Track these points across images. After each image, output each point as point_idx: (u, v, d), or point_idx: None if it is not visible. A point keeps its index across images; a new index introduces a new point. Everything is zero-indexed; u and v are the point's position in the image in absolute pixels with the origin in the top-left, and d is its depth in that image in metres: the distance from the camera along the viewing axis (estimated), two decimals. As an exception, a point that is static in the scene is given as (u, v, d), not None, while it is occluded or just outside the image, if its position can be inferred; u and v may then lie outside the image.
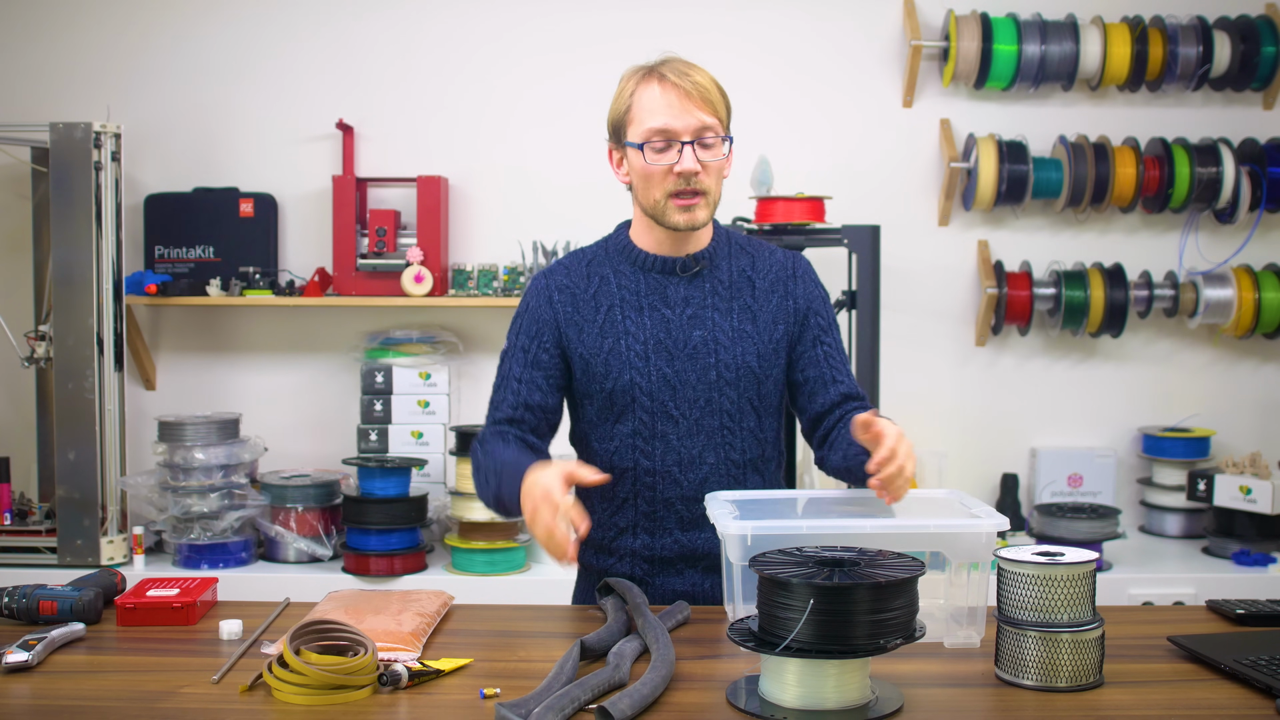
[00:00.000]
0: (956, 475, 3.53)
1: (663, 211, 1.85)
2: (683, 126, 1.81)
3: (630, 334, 1.89)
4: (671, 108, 1.81)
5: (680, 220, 1.85)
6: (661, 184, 1.83)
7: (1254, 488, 3.16)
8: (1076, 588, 1.47)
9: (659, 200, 1.85)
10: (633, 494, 1.91)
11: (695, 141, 1.81)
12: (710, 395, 1.89)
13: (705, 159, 1.82)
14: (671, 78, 1.82)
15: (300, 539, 3.20)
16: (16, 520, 3.17)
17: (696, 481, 1.89)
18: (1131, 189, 3.38)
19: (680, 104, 1.81)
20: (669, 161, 1.82)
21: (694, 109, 1.81)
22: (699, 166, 1.81)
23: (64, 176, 3.07)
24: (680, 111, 1.81)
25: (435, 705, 1.44)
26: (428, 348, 3.42)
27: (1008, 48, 3.36)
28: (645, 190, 1.86)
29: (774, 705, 1.39)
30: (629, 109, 1.85)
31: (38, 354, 3.18)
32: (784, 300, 1.93)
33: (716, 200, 1.89)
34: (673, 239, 1.91)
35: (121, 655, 1.65)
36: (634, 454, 1.90)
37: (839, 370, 1.94)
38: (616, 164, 1.92)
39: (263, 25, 3.52)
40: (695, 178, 1.82)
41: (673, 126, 1.81)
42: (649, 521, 1.92)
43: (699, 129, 1.81)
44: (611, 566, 1.96)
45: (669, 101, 1.81)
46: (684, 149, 1.81)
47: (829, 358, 1.94)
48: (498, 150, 3.52)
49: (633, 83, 1.85)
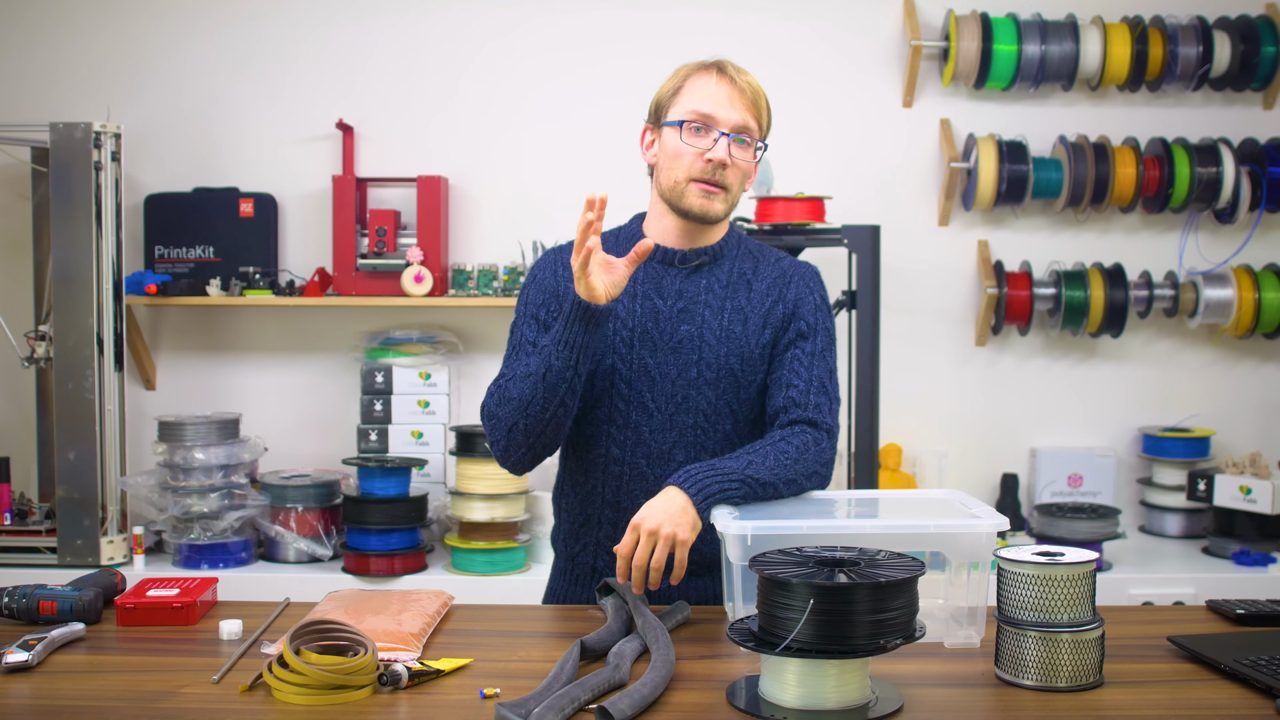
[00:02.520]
0: (956, 475, 3.53)
1: (682, 194, 1.86)
2: (725, 118, 1.83)
3: (619, 319, 1.88)
4: (720, 97, 1.84)
5: (697, 205, 1.85)
6: (688, 166, 1.84)
7: (1254, 488, 3.16)
8: (1076, 588, 1.47)
9: (680, 182, 1.85)
10: (601, 482, 1.91)
11: (733, 135, 1.83)
12: (688, 392, 1.88)
13: (737, 155, 1.84)
14: (729, 72, 1.86)
15: (300, 539, 3.20)
16: (16, 520, 3.17)
17: (663, 477, 1.85)
18: (1131, 189, 3.38)
19: (730, 96, 1.84)
20: (702, 146, 1.83)
21: (741, 106, 1.84)
22: (730, 159, 1.83)
23: (64, 176, 3.07)
24: (727, 103, 1.83)
25: (435, 705, 1.43)
26: (428, 348, 3.42)
27: (1008, 48, 3.36)
28: (670, 170, 1.86)
29: (774, 705, 1.39)
30: (678, 90, 1.87)
31: (38, 354, 3.18)
32: (776, 305, 1.92)
33: (734, 202, 1.89)
34: (682, 231, 1.90)
35: (121, 655, 1.64)
36: (605, 441, 1.89)
37: (798, 375, 1.86)
38: (647, 145, 1.93)
39: (263, 25, 3.52)
40: (722, 170, 1.83)
41: (716, 114, 1.83)
42: (614, 512, 1.91)
43: (739, 125, 1.84)
44: (578, 554, 1.96)
45: (720, 92, 1.84)
46: (720, 139, 1.83)
47: (794, 361, 1.88)
48: (498, 150, 3.52)
49: (689, 69, 1.88)
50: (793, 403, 1.85)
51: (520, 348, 1.90)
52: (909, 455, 3.52)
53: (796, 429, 1.83)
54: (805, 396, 1.85)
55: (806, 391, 1.86)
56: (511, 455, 1.85)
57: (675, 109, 1.86)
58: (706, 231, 1.92)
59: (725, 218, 1.90)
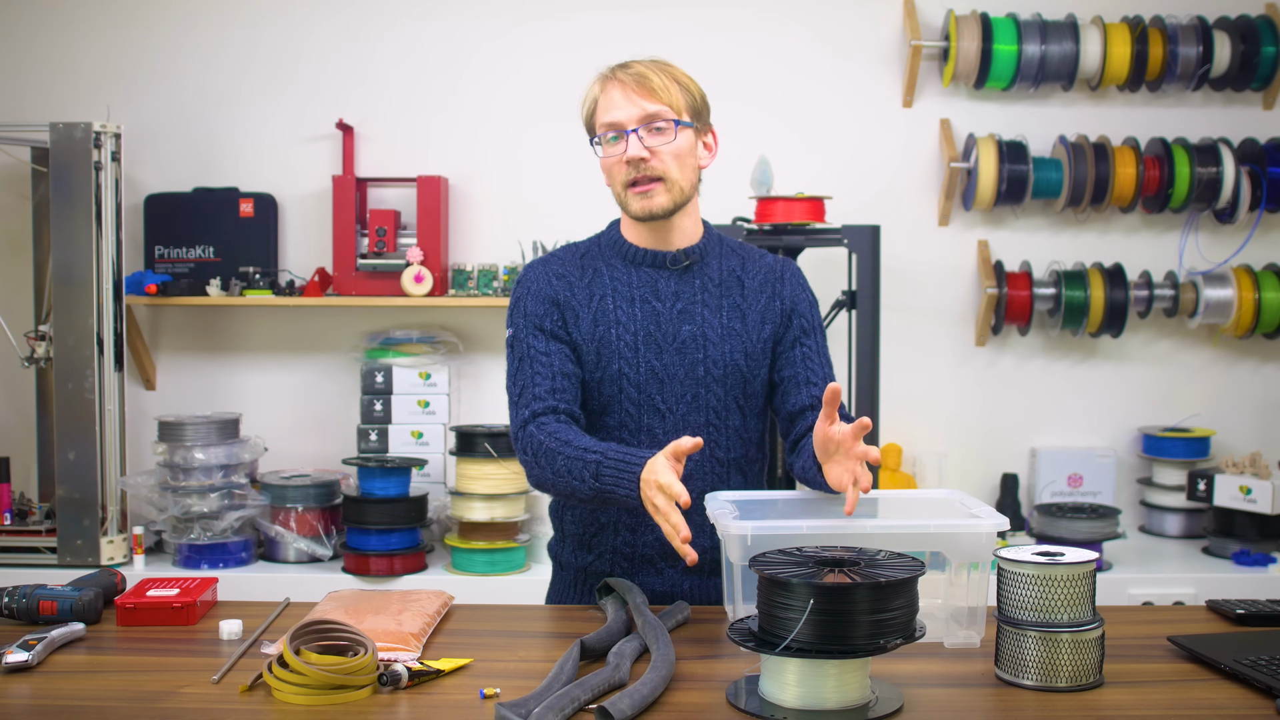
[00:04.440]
0: (956, 475, 3.53)
1: (625, 202, 1.89)
2: (625, 117, 1.85)
3: (621, 324, 1.89)
4: (615, 100, 1.86)
5: (637, 208, 1.87)
6: (619, 176, 1.88)
7: (1254, 488, 3.16)
8: (1076, 588, 1.47)
9: (620, 193, 1.89)
10: None
11: (641, 128, 1.84)
12: (697, 391, 1.89)
13: (653, 144, 1.85)
14: (617, 74, 1.88)
15: (300, 539, 3.20)
16: (16, 520, 3.17)
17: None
18: (1131, 189, 3.38)
19: (623, 96, 1.86)
20: (619, 152, 1.86)
21: (635, 98, 1.85)
22: (645, 152, 1.84)
23: (64, 176, 3.07)
24: (623, 103, 1.86)
25: (435, 705, 1.44)
26: (428, 348, 3.42)
27: (1008, 48, 3.36)
28: (610, 185, 1.91)
29: (774, 705, 1.39)
30: (593, 110, 1.91)
31: (38, 354, 3.18)
32: (771, 301, 1.94)
33: (683, 187, 1.88)
34: (657, 234, 1.92)
35: (121, 655, 1.64)
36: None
37: (814, 373, 1.93)
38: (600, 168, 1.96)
39: (263, 25, 3.52)
40: (644, 164, 1.85)
41: (617, 118, 1.86)
42: (631, 518, 1.91)
43: (643, 117, 1.85)
44: (590, 564, 1.96)
45: (613, 97, 1.87)
46: (629, 136, 1.85)
47: (806, 359, 1.93)
48: (498, 150, 3.52)
49: (591, 86, 1.93)
50: (819, 400, 1.89)
51: (530, 359, 1.88)
52: (909, 455, 3.52)
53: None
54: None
55: (824, 383, 1.92)
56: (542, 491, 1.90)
57: (595, 127, 1.91)
58: (678, 231, 1.92)
59: (678, 207, 1.88)
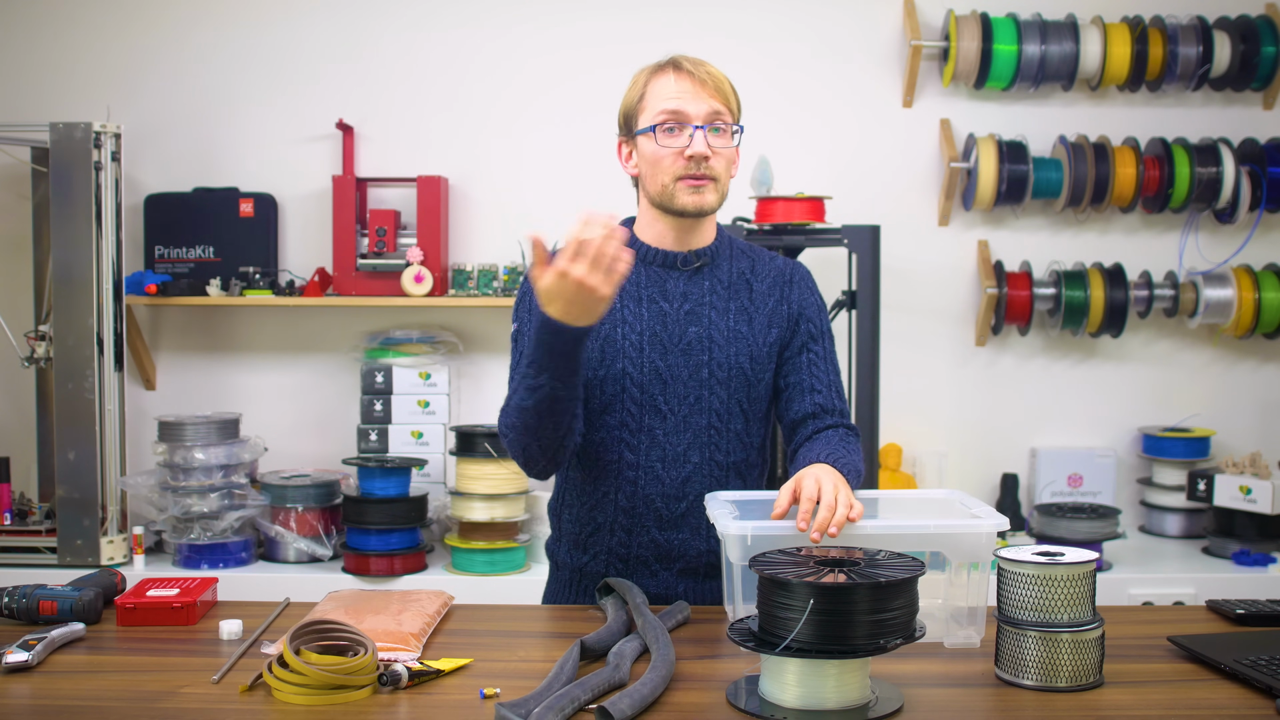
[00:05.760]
0: (956, 475, 3.53)
1: (672, 195, 1.85)
2: (695, 111, 1.83)
3: (627, 323, 1.89)
4: (685, 93, 1.84)
5: (689, 202, 1.85)
6: (671, 167, 1.84)
7: (1254, 488, 3.16)
8: (1076, 588, 1.47)
9: (668, 184, 1.85)
10: (614, 488, 1.90)
11: (707, 127, 1.83)
12: (700, 393, 1.89)
13: (716, 145, 1.84)
14: (686, 66, 1.86)
15: (300, 539, 3.20)
16: (16, 520, 3.17)
17: (679, 480, 1.88)
18: (1131, 189, 3.38)
19: (694, 90, 1.84)
20: (679, 145, 1.83)
21: (707, 96, 1.84)
22: (710, 150, 1.83)
23: (64, 176, 3.07)
24: (693, 97, 1.83)
25: (435, 705, 1.43)
26: (428, 348, 3.42)
27: (1008, 48, 3.36)
28: (654, 175, 1.86)
29: (774, 705, 1.39)
30: (642, 97, 1.87)
31: (38, 354, 3.18)
32: (779, 305, 1.94)
33: (725, 192, 1.89)
34: (677, 233, 1.91)
35: (121, 655, 1.64)
36: (619, 446, 1.89)
37: (819, 380, 1.92)
38: (625, 157, 1.93)
39: (263, 25, 3.52)
40: (705, 162, 1.83)
41: (685, 110, 1.83)
42: (628, 519, 1.91)
43: (711, 114, 1.84)
44: (586, 565, 1.95)
45: (683, 88, 1.84)
46: (695, 133, 1.83)
47: (811, 365, 1.93)
48: (498, 151, 3.52)
49: (646, 74, 1.89)
50: (821, 408, 1.91)
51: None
52: (909, 455, 3.52)
53: (840, 431, 1.89)
54: (831, 401, 1.92)
55: (830, 395, 1.92)
56: (534, 468, 1.86)
57: (644, 115, 1.86)
58: (700, 232, 1.92)
59: (718, 208, 1.90)
